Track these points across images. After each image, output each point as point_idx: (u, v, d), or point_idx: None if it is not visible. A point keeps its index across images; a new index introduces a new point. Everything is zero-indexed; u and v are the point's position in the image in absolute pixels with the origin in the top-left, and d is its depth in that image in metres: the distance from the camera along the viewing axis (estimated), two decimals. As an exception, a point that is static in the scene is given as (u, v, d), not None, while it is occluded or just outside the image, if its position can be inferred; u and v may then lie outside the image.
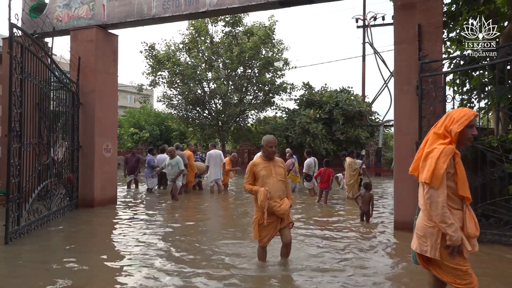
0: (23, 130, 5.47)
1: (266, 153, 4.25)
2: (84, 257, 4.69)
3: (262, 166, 4.20)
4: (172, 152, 9.69)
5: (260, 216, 4.13)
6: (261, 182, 4.16)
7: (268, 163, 4.23)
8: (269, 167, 4.21)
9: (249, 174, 4.23)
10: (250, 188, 4.20)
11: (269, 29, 18.93)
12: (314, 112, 18.69)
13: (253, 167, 4.22)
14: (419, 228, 2.70)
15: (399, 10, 6.45)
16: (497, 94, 6.15)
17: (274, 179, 4.17)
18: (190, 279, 3.93)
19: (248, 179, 4.24)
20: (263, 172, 4.16)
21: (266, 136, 4.33)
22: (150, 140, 25.33)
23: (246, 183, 4.25)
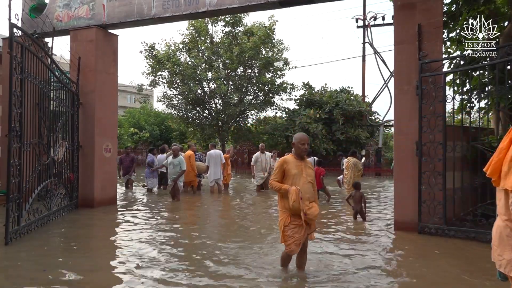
0: (23, 130, 5.47)
1: (298, 151, 3.97)
2: (83, 257, 4.69)
3: (293, 165, 3.91)
4: (175, 151, 9.66)
5: (286, 217, 3.87)
6: (290, 181, 3.86)
7: (300, 162, 3.96)
8: (300, 166, 3.93)
9: (278, 170, 3.93)
10: (279, 186, 3.86)
11: (269, 29, 18.93)
12: (314, 112, 18.69)
13: (283, 164, 3.92)
14: (495, 239, 2.32)
15: (399, 10, 6.45)
16: (497, 94, 6.14)
17: (305, 179, 3.89)
18: (195, 284, 3.93)
19: (276, 175, 3.92)
20: (294, 171, 3.88)
21: (298, 134, 4.09)
22: (150, 140, 25.33)
23: (274, 179, 3.92)
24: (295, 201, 3.69)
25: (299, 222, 3.81)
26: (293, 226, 3.82)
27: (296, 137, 4.02)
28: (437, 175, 5.92)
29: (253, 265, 4.37)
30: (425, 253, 5.00)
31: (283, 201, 3.89)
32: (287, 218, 3.85)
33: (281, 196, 3.92)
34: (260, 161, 11.68)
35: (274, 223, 6.77)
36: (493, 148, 5.72)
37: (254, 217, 7.67)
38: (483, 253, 4.96)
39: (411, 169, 6.18)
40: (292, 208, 3.73)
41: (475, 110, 8.66)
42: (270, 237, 5.76)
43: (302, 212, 3.72)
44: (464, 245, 5.35)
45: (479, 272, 4.23)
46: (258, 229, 6.42)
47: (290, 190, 3.75)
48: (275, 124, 20.78)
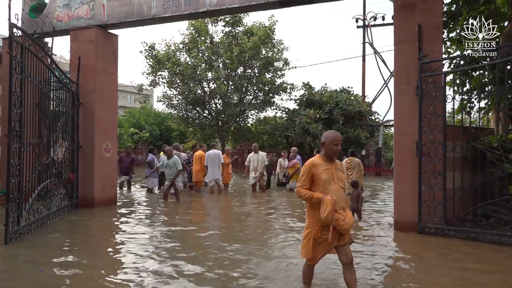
0: (23, 130, 5.47)
1: (329, 153, 3.43)
2: (83, 258, 4.69)
3: (323, 168, 3.38)
4: (169, 152, 9.60)
5: (316, 230, 3.36)
6: (321, 188, 3.33)
7: (330, 165, 3.42)
8: (330, 170, 3.40)
9: (306, 175, 3.39)
10: (309, 194, 3.32)
11: (269, 29, 18.93)
12: (314, 112, 18.68)
13: (312, 167, 3.39)
14: None
15: (399, 10, 6.45)
16: (497, 94, 6.15)
17: (336, 185, 3.38)
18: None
19: (304, 181, 3.39)
20: (324, 176, 3.36)
21: (329, 132, 3.51)
22: (150, 140, 25.34)
23: (301, 187, 3.38)
24: (330, 213, 3.20)
25: (328, 236, 3.36)
26: (323, 239, 3.37)
27: (327, 136, 3.46)
28: (437, 175, 5.92)
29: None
30: (425, 253, 4.99)
31: (314, 211, 3.38)
32: (318, 231, 3.36)
33: (311, 206, 3.41)
34: (252, 161, 11.71)
35: (270, 226, 6.76)
36: (493, 148, 5.74)
37: (252, 220, 7.66)
38: (483, 253, 4.97)
39: (411, 169, 6.18)
40: (324, 220, 3.24)
41: (475, 110, 8.66)
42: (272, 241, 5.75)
43: (332, 226, 3.27)
44: (464, 245, 5.34)
45: (479, 272, 4.23)
46: (257, 231, 6.41)
47: (325, 200, 3.23)
48: (275, 124, 20.76)
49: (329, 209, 3.19)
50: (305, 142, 18.29)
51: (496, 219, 5.44)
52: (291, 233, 6.11)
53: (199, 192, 11.29)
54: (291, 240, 5.63)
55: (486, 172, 5.58)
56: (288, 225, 6.81)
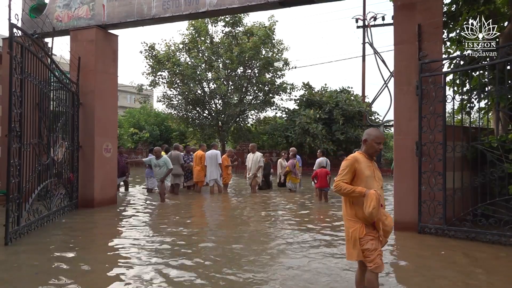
0: (23, 130, 5.47)
1: (371, 151, 3.30)
2: (83, 258, 4.69)
3: (365, 165, 3.23)
4: (158, 152, 9.49)
5: (360, 228, 3.12)
6: (364, 184, 3.14)
7: (371, 163, 3.30)
8: (372, 167, 3.27)
9: (348, 170, 3.20)
10: (350, 188, 3.11)
11: (269, 29, 18.94)
12: (314, 112, 18.69)
13: (355, 162, 3.21)
14: None
15: (399, 10, 6.45)
16: (497, 94, 6.15)
17: (378, 184, 3.22)
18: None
19: (345, 176, 3.19)
20: (367, 172, 3.20)
21: (372, 130, 3.36)
22: (150, 141, 25.32)
23: (342, 180, 3.18)
24: (375, 208, 2.96)
25: (375, 234, 3.13)
26: (370, 237, 3.10)
27: (370, 134, 3.31)
28: (437, 175, 5.92)
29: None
30: (425, 254, 4.99)
31: (354, 207, 3.17)
32: (362, 229, 3.11)
33: (350, 202, 3.21)
34: (247, 161, 11.73)
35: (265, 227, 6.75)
36: (493, 148, 5.74)
37: (252, 221, 7.67)
38: (483, 253, 4.96)
39: (411, 169, 6.18)
40: (369, 216, 3.01)
41: (475, 110, 8.65)
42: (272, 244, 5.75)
43: (381, 222, 3.06)
44: (464, 245, 5.34)
45: (479, 273, 4.23)
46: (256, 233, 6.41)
47: (369, 193, 3.02)
48: (275, 124, 20.78)
49: (374, 204, 2.97)
50: (305, 142, 18.30)
51: (496, 219, 5.44)
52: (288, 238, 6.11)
53: (199, 193, 11.28)
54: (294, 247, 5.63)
55: (486, 172, 5.58)
56: (287, 232, 6.81)
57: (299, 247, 5.20)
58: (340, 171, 3.25)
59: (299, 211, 8.36)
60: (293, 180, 11.79)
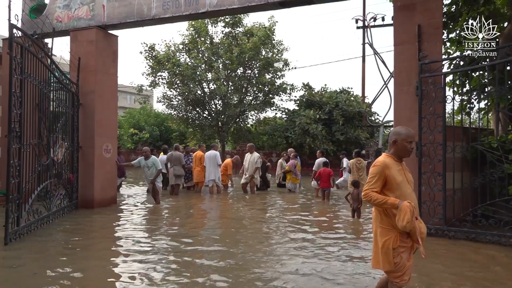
0: (23, 131, 5.47)
1: (402, 152, 3.01)
2: (82, 258, 4.69)
3: (396, 169, 2.96)
4: (147, 152, 9.10)
5: (394, 238, 2.89)
6: (397, 192, 2.90)
7: (400, 165, 3.02)
8: (402, 171, 3.00)
9: (378, 177, 2.93)
10: (382, 199, 2.86)
11: (269, 29, 18.94)
12: (314, 112, 18.70)
13: (385, 169, 2.92)
14: None
15: (399, 11, 6.45)
16: (497, 95, 6.15)
17: (409, 188, 2.98)
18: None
19: (375, 184, 2.93)
20: (399, 177, 2.93)
21: (401, 128, 3.08)
22: (150, 141, 25.31)
23: (371, 189, 2.92)
24: (409, 222, 2.76)
25: (408, 244, 2.95)
26: (403, 249, 2.90)
27: (400, 133, 3.02)
28: (436, 176, 5.91)
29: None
30: (425, 253, 4.98)
31: (388, 217, 2.94)
32: (396, 239, 2.89)
33: (382, 212, 2.97)
34: (244, 162, 11.63)
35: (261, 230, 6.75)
36: (493, 149, 5.74)
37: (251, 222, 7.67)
38: (483, 254, 4.96)
39: (411, 170, 6.14)
40: (403, 230, 2.84)
41: (475, 110, 8.65)
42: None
43: (418, 235, 2.84)
44: (464, 246, 5.34)
45: (479, 273, 4.23)
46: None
47: (402, 206, 2.79)
48: (275, 125, 20.78)
49: (408, 217, 2.75)
50: (305, 143, 18.30)
51: (496, 220, 5.44)
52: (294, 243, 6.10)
53: (200, 193, 11.29)
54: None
55: (485, 173, 5.58)
56: (287, 236, 6.80)
57: (303, 248, 5.20)
58: (369, 179, 2.98)
59: (300, 211, 8.35)
60: (293, 181, 11.79)
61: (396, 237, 2.89)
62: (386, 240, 2.91)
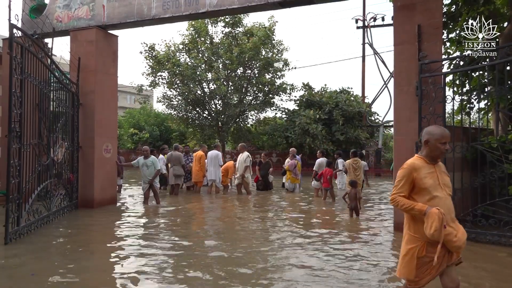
0: (23, 131, 5.47)
1: (435, 153, 2.81)
2: (82, 259, 4.68)
3: (426, 172, 2.76)
4: (146, 151, 8.99)
5: (420, 247, 2.73)
6: (426, 197, 2.73)
7: (433, 168, 2.81)
8: (435, 174, 2.79)
9: (404, 181, 2.77)
10: (409, 205, 2.72)
11: (269, 29, 18.95)
12: (314, 112, 18.70)
13: (412, 171, 2.76)
14: None
15: (399, 11, 6.46)
16: (497, 95, 6.15)
17: (443, 192, 2.76)
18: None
19: (402, 188, 2.78)
20: (429, 181, 2.74)
21: (434, 128, 2.90)
22: (150, 141, 25.32)
23: (398, 193, 2.78)
24: (437, 230, 2.59)
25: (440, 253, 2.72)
26: (428, 259, 2.71)
27: (433, 132, 2.83)
28: (437, 176, 5.90)
29: None
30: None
31: (416, 224, 2.78)
32: (422, 248, 2.73)
33: (411, 218, 2.83)
34: (237, 161, 11.48)
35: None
36: (493, 149, 5.74)
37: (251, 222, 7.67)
38: (483, 254, 4.96)
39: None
40: (431, 238, 2.66)
41: (475, 110, 8.65)
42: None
43: (440, 244, 2.65)
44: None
45: (479, 273, 4.23)
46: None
47: (430, 213, 2.62)
48: (275, 125, 20.79)
49: (436, 225, 2.58)
50: (305, 143, 18.31)
51: (496, 220, 5.44)
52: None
53: (199, 193, 11.29)
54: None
55: (485, 173, 5.58)
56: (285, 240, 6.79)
57: (304, 248, 5.20)
58: (396, 182, 2.81)
59: (299, 211, 8.35)
60: (292, 180, 11.79)
61: (423, 246, 2.72)
62: (412, 248, 2.77)
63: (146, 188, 8.93)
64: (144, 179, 8.99)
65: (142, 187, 9.09)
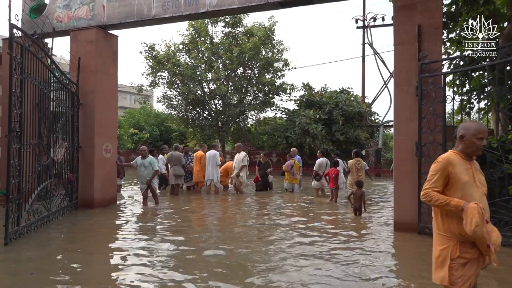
0: (23, 131, 5.48)
1: (471, 149, 2.65)
2: (82, 259, 4.69)
3: (462, 167, 2.61)
4: (144, 151, 8.95)
5: (453, 247, 2.56)
6: (460, 193, 2.56)
7: (469, 164, 2.67)
8: (471, 171, 2.64)
9: (439, 175, 2.61)
10: (444, 200, 2.54)
11: (269, 29, 18.95)
12: (314, 112, 18.70)
13: (448, 165, 2.60)
14: None
15: (399, 11, 6.46)
16: (497, 95, 6.15)
17: (479, 191, 2.62)
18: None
19: (435, 182, 2.61)
20: (465, 177, 2.59)
21: (470, 123, 2.73)
22: (150, 141, 25.32)
23: (432, 188, 2.61)
24: (479, 225, 2.41)
25: (472, 255, 2.56)
26: (464, 260, 2.53)
27: (469, 127, 2.68)
28: (437, 176, 5.90)
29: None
30: (425, 254, 4.99)
31: (448, 221, 2.60)
32: (455, 248, 2.55)
33: (443, 214, 2.64)
34: (233, 162, 11.60)
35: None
36: (493, 149, 5.74)
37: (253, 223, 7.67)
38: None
39: (411, 170, 6.18)
40: (472, 235, 2.45)
41: (475, 110, 8.66)
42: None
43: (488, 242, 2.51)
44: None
45: (481, 272, 4.22)
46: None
47: (468, 209, 2.44)
48: (275, 125, 20.78)
49: (476, 220, 2.41)
50: (305, 143, 18.30)
51: (496, 220, 5.43)
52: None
53: (199, 193, 11.30)
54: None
55: (485, 173, 5.56)
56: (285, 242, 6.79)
57: (300, 246, 5.20)
58: (429, 176, 2.66)
59: (302, 212, 8.35)
60: (290, 181, 11.80)
61: (455, 246, 2.55)
62: (443, 249, 2.58)
63: (144, 189, 8.90)
64: (141, 179, 8.93)
65: (140, 187, 9.05)
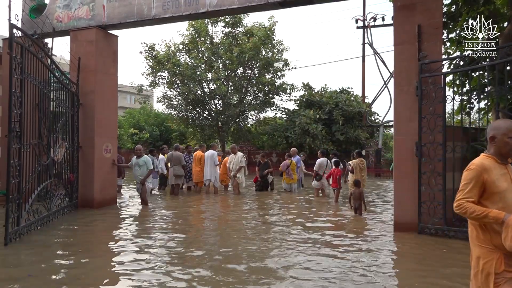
0: (23, 131, 5.48)
1: (505, 149, 2.40)
2: (82, 259, 4.69)
3: (498, 174, 2.37)
4: (139, 150, 8.83)
5: (497, 261, 2.30)
6: (500, 203, 2.32)
7: (506, 169, 2.42)
8: (507, 175, 2.40)
9: (473, 184, 2.36)
10: (481, 212, 2.28)
11: (269, 29, 18.94)
12: (314, 112, 18.70)
13: (482, 172, 2.36)
14: None
15: (399, 11, 6.46)
16: (497, 95, 6.15)
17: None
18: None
19: (470, 192, 2.36)
20: (503, 184, 2.34)
21: (501, 122, 2.49)
22: (150, 141, 25.31)
23: (466, 199, 2.36)
24: None
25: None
26: (510, 275, 2.28)
27: (499, 127, 2.44)
28: (437, 176, 5.92)
29: None
30: (425, 254, 4.99)
31: (489, 232, 2.35)
32: (500, 262, 2.29)
33: (479, 226, 2.39)
34: (228, 162, 11.53)
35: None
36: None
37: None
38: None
39: (411, 170, 6.18)
40: (509, 249, 2.23)
41: (475, 110, 8.66)
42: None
43: None
44: (464, 246, 5.34)
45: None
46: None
47: (510, 221, 2.20)
48: (275, 125, 20.78)
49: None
50: (305, 143, 18.30)
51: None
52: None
53: (199, 193, 11.30)
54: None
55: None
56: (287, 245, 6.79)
57: (306, 251, 5.20)
58: (462, 186, 2.41)
59: (301, 212, 8.35)
60: (287, 181, 11.82)
61: (500, 259, 2.29)
62: (486, 263, 2.33)
63: (141, 189, 8.85)
64: (136, 179, 8.85)
65: (137, 187, 8.95)
